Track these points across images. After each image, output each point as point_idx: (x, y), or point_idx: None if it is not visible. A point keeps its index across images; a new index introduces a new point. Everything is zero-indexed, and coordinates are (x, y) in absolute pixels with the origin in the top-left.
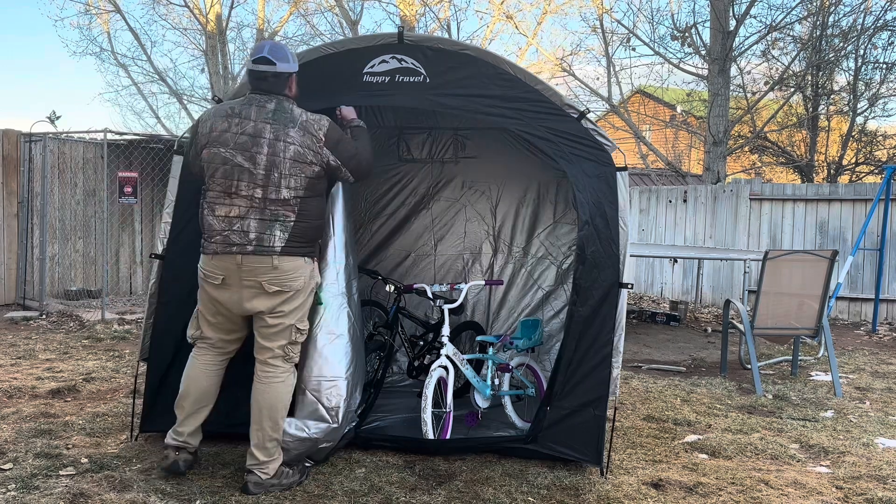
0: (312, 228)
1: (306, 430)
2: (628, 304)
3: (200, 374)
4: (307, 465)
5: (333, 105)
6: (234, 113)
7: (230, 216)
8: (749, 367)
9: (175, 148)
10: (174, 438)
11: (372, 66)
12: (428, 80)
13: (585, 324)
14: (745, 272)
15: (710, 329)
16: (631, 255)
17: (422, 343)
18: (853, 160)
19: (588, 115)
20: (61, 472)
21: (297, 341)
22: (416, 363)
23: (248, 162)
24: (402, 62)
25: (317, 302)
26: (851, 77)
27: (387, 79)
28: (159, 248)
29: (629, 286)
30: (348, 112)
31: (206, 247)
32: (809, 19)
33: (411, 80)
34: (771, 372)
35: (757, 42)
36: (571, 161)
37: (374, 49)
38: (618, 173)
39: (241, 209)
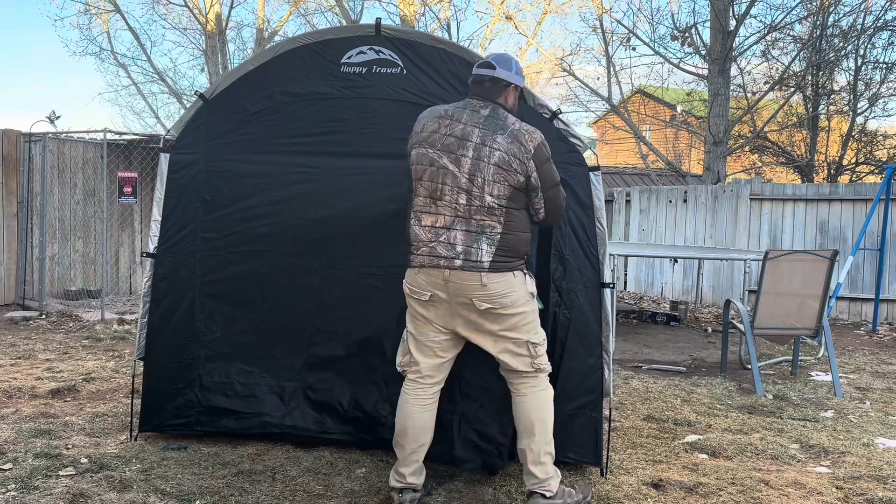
0: (520, 241)
1: None
2: (628, 304)
3: (416, 411)
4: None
5: (311, 93)
6: (446, 115)
7: (436, 226)
8: (749, 367)
9: (162, 146)
10: (397, 480)
11: (349, 57)
12: (405, 72)
13: (572, 326)
14: (745, 272)
15: (710, 329)
16: (631, 255)
17: None
18: (853, 160)
19: (560, 115)
20: (61, 472)
21: (541, 353)
22: None
23: (453, 164)
24: (380, 53)
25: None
26: (851, 77)
27: (364, 69)
28: (151, 247)
29: (611, 286)
30: None
31: (413, 259)
32: (809, 19)
33: (388, 71)
34: (771, 372)
35: (757, 42)
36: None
37: (352, 40)
38: (591, 173)
39: (446, 219)
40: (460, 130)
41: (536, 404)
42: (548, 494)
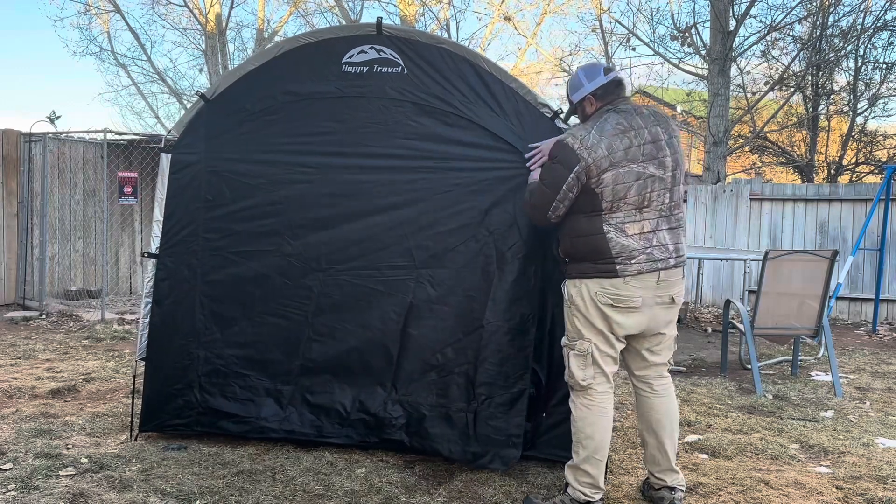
0: None
1: None
2: None
3: (608, 421)
4: None
5: (312, 93)
6: (626, 127)
7: (644, 232)
8: (749, 367)
9: (163, 146)
10: (594, 493)
11: (350, 56)
12: (406, 72)
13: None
14: (745, 272)
15: (710, 329)
16: None
17: None
18: (853, 160)
19: (561, 115)
20: (61, 472)
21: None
22: None
23: (659, 169)
24: (381, 53)
25: None
26: (851, 77)
27: (365, 69)
28: (152, 247)
29: None
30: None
31: (623, 269)
32: (809, 19)
33: (389, 70)
34: (771, 372)
35: (757, 42)
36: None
37: (353, 39)
38: None
39: (651, 222)
40: (648, 134)
41: (674, 404)
42: (685, 489)
